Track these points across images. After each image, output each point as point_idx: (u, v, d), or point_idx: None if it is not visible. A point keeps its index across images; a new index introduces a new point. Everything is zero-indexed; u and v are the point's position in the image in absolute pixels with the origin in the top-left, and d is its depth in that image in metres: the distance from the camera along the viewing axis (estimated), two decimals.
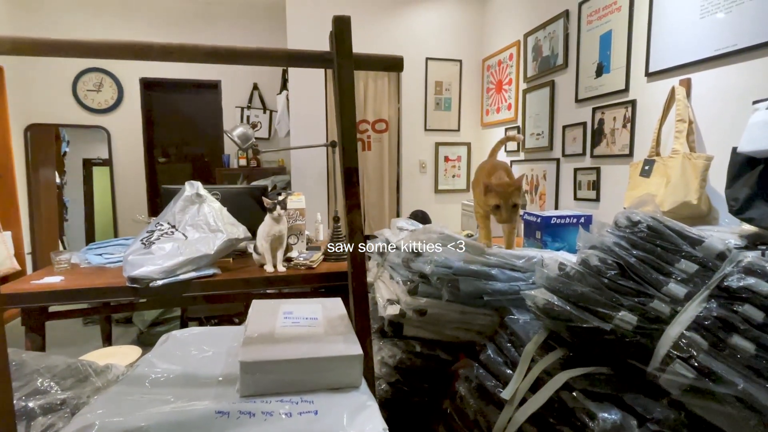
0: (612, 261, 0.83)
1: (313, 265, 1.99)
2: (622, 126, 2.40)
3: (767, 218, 1.64)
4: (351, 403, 0.63)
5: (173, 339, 0.83)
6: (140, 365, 0.71)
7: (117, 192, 4.21)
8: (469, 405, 1.01)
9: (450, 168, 3.99)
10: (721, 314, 0.71)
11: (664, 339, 0.72)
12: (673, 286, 0.77)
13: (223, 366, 0.72)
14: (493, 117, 3.73)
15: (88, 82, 4.05)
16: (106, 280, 1.81)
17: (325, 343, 0.69)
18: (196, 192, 2.02)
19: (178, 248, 1.86)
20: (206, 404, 0.58)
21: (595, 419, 0.69)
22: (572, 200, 2.81)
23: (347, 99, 0.77)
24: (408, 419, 1.12)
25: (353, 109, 0.79)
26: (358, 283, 0.74)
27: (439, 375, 1.12)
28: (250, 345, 0.67)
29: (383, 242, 1.36)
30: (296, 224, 2.27)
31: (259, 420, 0.57)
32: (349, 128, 0.77)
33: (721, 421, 0.68)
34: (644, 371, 0.73)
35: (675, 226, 0.85)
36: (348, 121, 0.77)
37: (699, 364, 0.67)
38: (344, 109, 0.77)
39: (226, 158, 4.25)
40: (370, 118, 3.80)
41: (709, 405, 0.67)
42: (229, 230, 1.95)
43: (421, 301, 1.05)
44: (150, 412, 0.55)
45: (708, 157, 1.87)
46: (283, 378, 0.64)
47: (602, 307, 0.78)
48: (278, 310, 0.83)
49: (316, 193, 3.61)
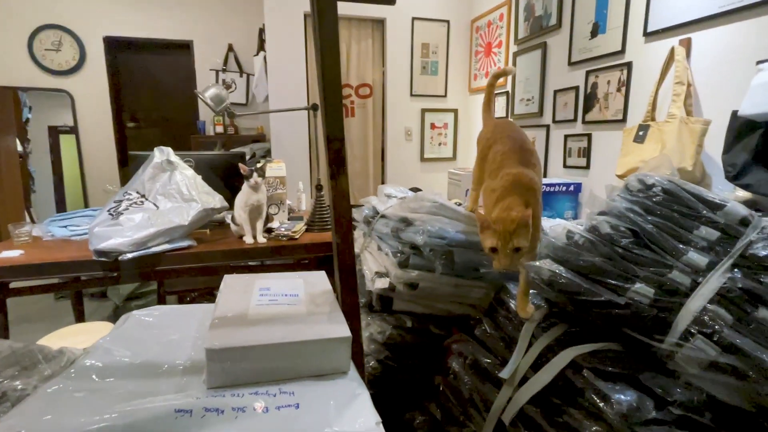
0: (625, 228, 0.75)
1: (296, 236, 1.89)
2: (616, 90, 2.31)
3: (764, 185, 1.60)
4: (338, 393, 0.55)
5: (133, 320, 0.73)
6: (90, 353, 0.61)
7: (85, 161, 3.96)
8: (464, 382, 0.95)
9: (436, 136, 3.87)
10: (747, 285, 0.65)
11: (684, 313, 0.65)
12: (693, 255, 0.69)
13: (190, 352, 0.62)
14: (482, 82, 3.59)
15: (46, 41, 3.72)
16: (70, 254, 1.67)
17: (307, 325, 0.60)
18: (166, 159, 1.87)
19: (149, 219, 1.73)
20: (165, 400, 0.48)
21: (609, 401, 0.63)
22: (561, 168, 2.74)
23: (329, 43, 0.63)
24: (398, 397, 1.05)
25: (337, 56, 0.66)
26: (344, 255, 0.64)
27: (430, 351, 1.05)
28: (218, 328, 0.58)
29: (370, 210, 1.25)
30: (276, 193, 2.15)
31: (229, 418, 0.48)
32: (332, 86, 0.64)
33: (738, 399, 0.62)
34: (652, 348, 0.67)
35: (694, 189, 0.77)
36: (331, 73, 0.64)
37: (723, 339, 0.61)
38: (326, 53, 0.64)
39: (201, 125, 4.02)
40: (353, 83, 3.61)
41: (728, 382, 0.61)
42: (204, 200, 1.82)
43: (413, 273, 0.96)
44: (94, 413, 0.45)
45: (706, 121, 1.81)
46: (258, 366, 0.55)
47: (615, 278, 0.70)
48: (253, 286, 0.73)
49: (297, 160, 3.45)
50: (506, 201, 0.87)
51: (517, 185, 0.89)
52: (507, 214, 0.84)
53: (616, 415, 0.62)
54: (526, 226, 0.83)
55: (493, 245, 0.84)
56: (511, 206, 0.86)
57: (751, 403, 0.61)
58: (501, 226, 0.83)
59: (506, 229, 0.83)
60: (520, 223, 0.82)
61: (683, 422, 0.60)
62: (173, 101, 4.22)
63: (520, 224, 0.82)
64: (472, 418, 0.88)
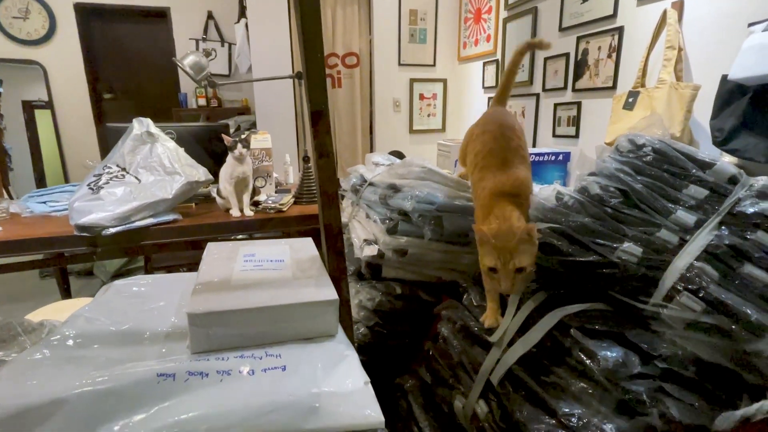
0: (615, 188, 0.74)
1: (283, 209, 1.86)
2: (606, 56, 2.28)
3: (751, 149, 1.61)
4: (326, 355, 0.54)
5: (114, 290, 0.71)
6: (69, 322, 0.59)
7: (62, 137, 3.83)
8: (453, 346, 0.95)
9: (425, 107, 3.80)
10: (733, 242, 0.65)
11: (671, 271, 0.65)
12: (681, 214, 0.69)
13: (174, 319, 0.61)
14: (471, 50, 3.51)
15: (12, 8, 3.52)
16: (51, 230, 1.63)
17: (293, 288, 0.59)
18: (146, 130, 1.80)
19: (131, 193, 1.68)
20: (147, 366, 0.47)
21: (595, 358, 0.64)
22: (551, 137, 2.73)
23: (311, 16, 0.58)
24: (387, 363, 1.06)
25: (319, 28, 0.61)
26: (329, 217, 0.63)
27: (420, 317, 1.05)
28: (201, 293, 0.56)
29: (358, 179, 1.23)
30: (262, 166, 2.10)
31: (214, 381, 0.47)
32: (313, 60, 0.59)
33: (722, 358, 0.63)
34: (638, 310, 0.67)
35: (684, 148, 0.76)
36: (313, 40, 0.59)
37: (708, 295, 0.61)
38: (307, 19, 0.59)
39: (183, 97, 3.89)
40: (339, 52, 3.51)
41: (712, 341, 0.62)
42: (188, 172, 1.77)
43: (401, 240, 0.95)
44: (71, 379, 0.43)
45: (695, 86, 1.79)
46: (243, 331, 0.53)
47: (604, 238, 0.70)
48: (237, 252, 0.71)
49: (283, 133, 3.37)
50: (499, 209, 0.75)
51: (499, 193, 0.78)
52: (507, 226, 0.72)
53: (602, 371, 0.63)
54: (529, 242, 0.70)
55: (492, 264, 0.72)
56: (507, 216, 0.73)
57: (735, 362, 0.62)
58: (502, 240, 0.71)
59: (507, 244, 0.70)
60: (522, 237, 0.70)
61: (668, 376, 0.61)
62: (152, 73, 4.06)
63: (522, 239, 0.70)
64: (461, 380, 0.89)
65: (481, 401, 0.81)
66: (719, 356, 0.63)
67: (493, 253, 0.72)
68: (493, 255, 0.72)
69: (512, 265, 0.71)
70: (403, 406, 1.02)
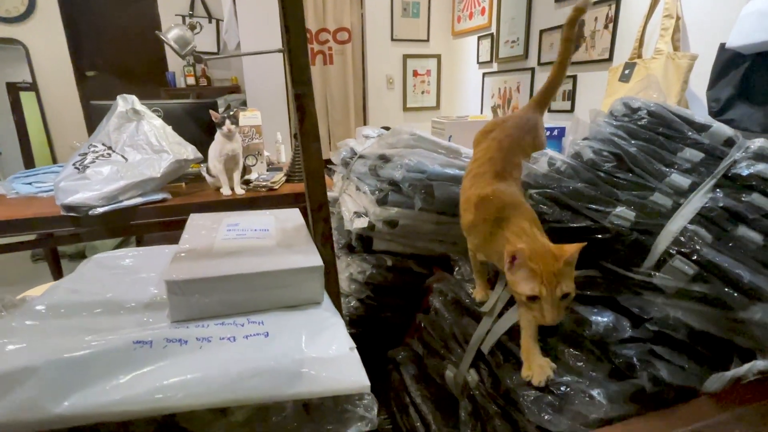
0: (608, 153, 0.72)
1: (275, 186, 1.83)
2: (603, 27, 2.23)
3: (747, 119, 1.59)
4: (311, 322, 0.53)
5: (95, 262, 0.69)
6: (47, 294, 0.57)
7: (48, 117, 3.74)
8: (444, 318, 0.95)
9: (419, 84, 3.74)
10: (728, 204, 0.63)
11: (664, 234, 0.64)
12: (675, 177, 0.67)
13: (156, 289, 0.59)
14: (465, 24, 3.43)
15: None
16: (37, 210, 1.60)
17: (276, 255, 0.57)
18: (131, 107, 1.76)
19: (118, 171, 1.65)
20: (124, 334, 0.46)
21: (586, 324, 0.63)
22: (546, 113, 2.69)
23: None
24: (380, 336, 1.06)
25: None
26: (314, 183, 0.60)
27: (412, 290, 1.05)
28: (180, 261, 0.54)
29: (348, 152, 1.20)
30: (253, 143, 2.06)
31: (193, 348, 0.45)
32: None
33: (715, 328, 0.62)
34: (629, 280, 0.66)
35: (680, 111, 0.74)
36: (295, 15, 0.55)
37: (701, 258, 0.60)
38: None
39: (171, 76, 3.80)
40: (330, 27, 3.42)
41: (703, 310, 0.61)
42: (176, 150, 1.73)
43: (392, 211, 0.93)
44: (43, 347, 0.42)
45: (693, 56, 1.76)
46: (225, 298, 0.52)
47: (597, 203, 0.68)
48: (221, 222, 0.69)
49: (275, 111, 3.31)
50: (516, 226, 0.66)
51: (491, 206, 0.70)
52: (540, 245, 0.62)
53: (592, 336, 0.62)
54: (572, 265, 0.61)
55: (534, 293, 0.60)
56: (529, 233, 0.64)
57: (727, 330, 0.62)
58: (543, 263, 0.60)
59: (550, 268, 0.60)
60: (568, 260, 0.60)
61: (659, 338, 0.60)
62: (139, 52, 3.95)
63: (568, 262, 0.60)
64: (453, 351, 0.89)
65: (472, 370, 0.81)
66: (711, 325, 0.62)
67: (535, 279, 0.60)
68: (533, 282, 0.60)
69: (559, 292, 0.60)
70: (395, 378, 1.02)
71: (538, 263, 0.60)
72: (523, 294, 0.62)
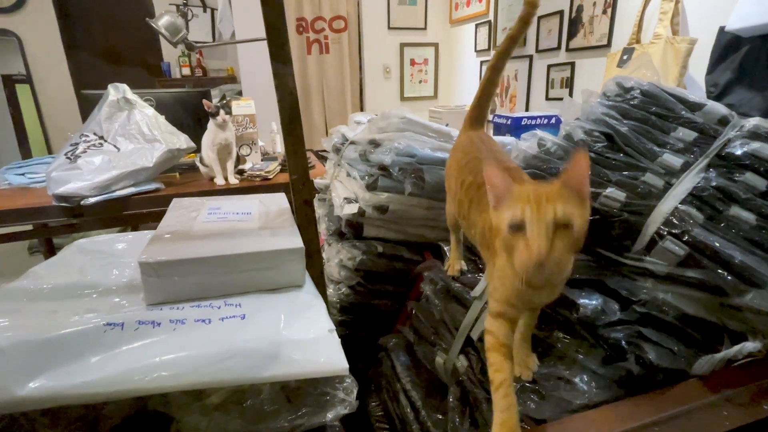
0: (599, 133, 0.70)
1: (269, 176, 1.82)
2: (602, 12, 2.19)
3: (746, 104, 1.56)
4: (290, 305, 0.52)
5: (75, 247, 0.68)
6: (21, 277, 0.56)
7: (43, 109, 3.71)
8: (434, 305, 0.94)
9: (416, 73, 3.70)
10: (721, 184, 0.62)
11: (655, 215, 0.62)
12: (668, 157, 0.66)
13: (132, 273, 0.58)
14: (463, 11, 3.38)
15: None
16: (30, 201, 1.59)
17: (255, 237, 0.56)
18: (123, 96, 1.74)
19: (110, 161, 1.64)
20: (94, 316, 0.44)
21: (574, 307, 0.61)
22: (544, 101, 2.66)
23: None
24: (371, 322, 1.05)
25: None
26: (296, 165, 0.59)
27: (403, 276, 1.03)
28: (157, 243, 0.53)
29: (339, 138, 1.18)
30: (246, 133, 2.04)
31: (166, 330, 0.44)
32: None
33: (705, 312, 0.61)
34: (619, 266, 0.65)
35: (674, 90, 0.72)
36: None
37: (692, 239, 0.58)
38: None
39: (166, 66, 3.76)
40: (326, 15, 3.37)
41: (694, 295, 0.60)
42: (169, 140, 1.71)
43: (382, 196, 0.92)
44: (8, 330, 0.41)
45: (692, 40, 1.73)
46: (202, 281, 0.51)
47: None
48: (203, 206, 0.68)
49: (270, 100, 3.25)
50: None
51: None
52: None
53: (580, 319, 0.61)
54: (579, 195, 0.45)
55: (516, 219, 0.44)
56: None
57: (718, 314, 0.60)
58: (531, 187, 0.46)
59: (540, 190, 0.45)
60: (568, 181, 0.45)
61: (648, 321, 0.59)
62: (133, 42, 3.90)
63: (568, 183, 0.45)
64: (443, 338, 0.88)
65: (462, 356, 0.80)
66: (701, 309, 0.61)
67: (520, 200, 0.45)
68: (518, 203, 0.44)
69: (551, 214, 0.43)
70: (387, 365, 1.02)
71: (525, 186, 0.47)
72: (503, 223, 0.46)
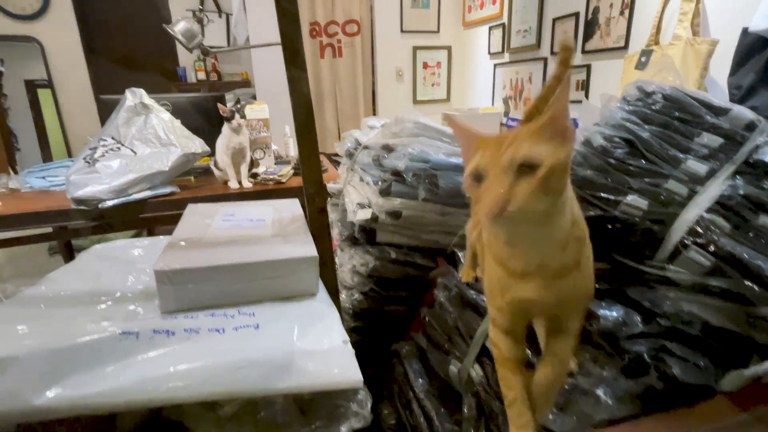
0: (620, 139, 0.68)
1: (283, 180, 1.83)
2: (619, 13, 2.15)
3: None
4: (304, 314, 0.51)
5: (92, 253, 0.68)
6: (38, 283, 0.57)
7: (64, 113, 3.80)
8: (449, 312, 0.92)
9: (429, 76, 3.69)
10: (749, 192, 0.59)
11: (679, 224, 0.60)
12: (692, 163, 0.64)
13: (147, 279, 0.58)
14: (476, 14, 3.36)
15: None
16: (49, 204, 1.62)
17: (269, 245, 0.55)
18: (140, 101, 1.77)
19: (127, 165, 1.67)
20: (110, 324, 0.45)
21: (595, 318, 0.60)
22: None
23: None
24: (384, 329, 1.04)
25: None
26: (309, 170, 0.58)
27: (416, 283, 1.02)
28: (172, 251, 0.53)
29: (352, 143, 1.18)
30: (260, 137, 2.05)
31: (181, 339, 0.44)
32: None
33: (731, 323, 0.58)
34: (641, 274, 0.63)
35: (697, 94, 0.70)
36: None
37: (719, 248, 0.56)
38: None
39: (182, 71, 3.82)
40: (339, 19, 3.38)
41: (720, 305, 0.58)
42: (184, 144, 1.74)
43: (395, 201, 0.91)
44: (24, 337, 0.41)
45: (713, 41, 1.68)
46: (216, 289, 0.50)
47: (607, 192, 0.65)
48: (217, 212, 0.68)
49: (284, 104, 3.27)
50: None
51: None
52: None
53: (601, 331, 0.59)
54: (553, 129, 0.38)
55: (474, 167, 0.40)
56: None
57: (746, 326, 0.58)
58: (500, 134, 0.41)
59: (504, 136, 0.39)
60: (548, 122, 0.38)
61: (672, 334, 0.57)
62: (151, 47, 3.97)
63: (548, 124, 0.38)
64: (457, 346, 0.87)
65: (477, 366, 0.79)
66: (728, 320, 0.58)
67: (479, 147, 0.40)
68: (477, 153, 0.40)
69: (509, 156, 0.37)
70: (399, 372, 1.01)
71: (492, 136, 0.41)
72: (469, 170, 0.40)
